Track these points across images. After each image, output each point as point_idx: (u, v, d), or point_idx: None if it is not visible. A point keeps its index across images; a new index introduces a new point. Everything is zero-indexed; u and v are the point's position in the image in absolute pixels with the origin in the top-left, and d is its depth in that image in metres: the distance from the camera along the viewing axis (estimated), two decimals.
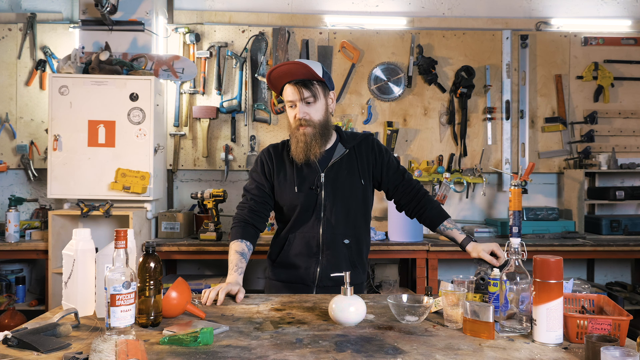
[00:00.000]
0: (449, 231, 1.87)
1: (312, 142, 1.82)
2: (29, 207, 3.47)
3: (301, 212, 1.87)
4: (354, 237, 1.90)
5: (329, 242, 1.86)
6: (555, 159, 3.65)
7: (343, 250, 1.88)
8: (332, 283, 1.86)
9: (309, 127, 1.82)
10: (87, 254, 1.49)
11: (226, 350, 1.19)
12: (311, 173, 1.88)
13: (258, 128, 3.54)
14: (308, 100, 1.82)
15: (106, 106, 2.95)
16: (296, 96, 1.81)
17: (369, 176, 1.92)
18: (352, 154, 1.92)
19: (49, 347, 1.18)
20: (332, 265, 1.86)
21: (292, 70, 1.80)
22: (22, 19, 3.42)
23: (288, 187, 1.89)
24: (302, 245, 1.88)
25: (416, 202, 1.92)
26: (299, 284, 1.89)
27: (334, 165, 1.89)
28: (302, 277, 1.88)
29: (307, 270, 1.87)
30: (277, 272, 1.94)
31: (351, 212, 1.89)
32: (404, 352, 1.19)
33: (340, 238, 1.88)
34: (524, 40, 3.61)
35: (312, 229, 1.87)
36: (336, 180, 1.88)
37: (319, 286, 1.87)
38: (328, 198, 1.86)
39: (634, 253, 3.13)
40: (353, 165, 1.91)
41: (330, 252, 1.87)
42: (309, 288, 1.88)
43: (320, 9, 3.61)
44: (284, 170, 1.92)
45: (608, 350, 1.02)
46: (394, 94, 3.57)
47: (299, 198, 1.87)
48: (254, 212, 1.89)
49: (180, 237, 3.18)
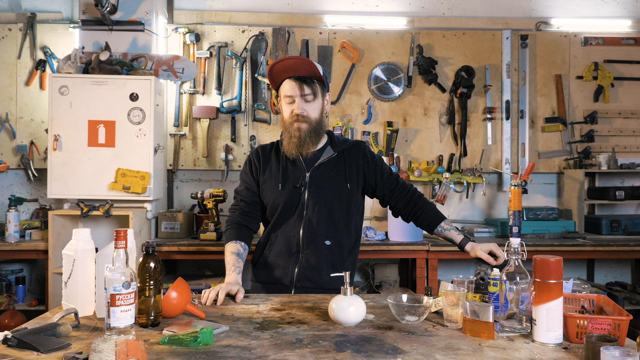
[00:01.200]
0: (446, 232, 1.87)
1: (306, 138, 1.83)
2: (29, 207, 3.47)
3: (283, 210, 1.87)
4: (336, 239, 1.87)
5: (309, 241, 1.84)
6: (555, 159, 3.65)
7: (324, 251, 1.85)
8: (311, 284, 1.83)
9: (305, 123, 1.83)
10: (87, 254, 1.49)
11: (226, 350, 1.19)
12: (296, 172, 1.89)
13: (258, 128, 3.54)
14: (308, 97, 1.82)
15: (106, 106, 2.95)
16: (296, 92, 1.82)
17: (356, 182, 1.91)
18: (341, 157, 1.92)
19: (49, 347, 1.18)
20: (311, 265, 1.84)
21: (297, 65, 1.80)
22: (22, 19, 3.42)
23: (272, 185, 1.89)
24: (283, 245, 1.86)
25: (412, 205, 1.92)
26: (277, 284, 1.87)
27: (321, 166, 1.89)
28: (280, 277, 1.86)
29: (286, 269, 1.85)
30: (257, 273, 1.93)
31: (334, 214, 1.87)
32: (404, 352, 1.19)
33: (321, 238, 1.85)
34: (524, 40, 3.61)
35: (293, 228, 1.86)
36: (321, 180, 1.87)
37: (297, 287, 1.84)
38: (311, 197, 1.86)
39: (634, 253, 3.13)
40: (340, 168, 1.90)
41: (309, 252, 1.84)
42: (287, 289, 1.85)
43: (320, 9, 3.61)
44: (270, 168, 1.93)
45: (608, 350, 1.02)
46: (394, 94, 3.57)
47: (281, 196, 1.87)
48: (245, 214, 1.91)
49: (180, 237, 3.18)
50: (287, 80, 1.84)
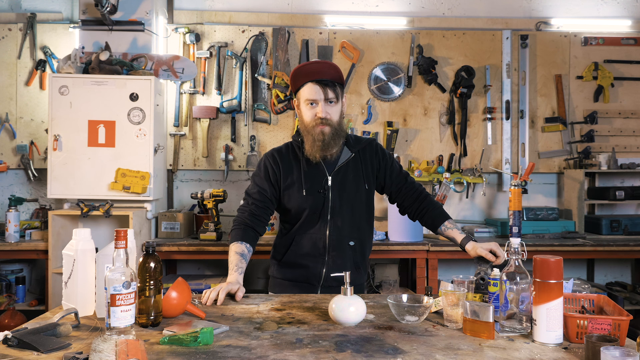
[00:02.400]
0: (449, 231, 1.88)
1: (330, 142, 1.84)
2: (29, 207, 3.47)
3: (309, 215, 1.90)
4: (359, 239, 1.94)
5: (335, 243, 1.89)
6: (555, 159, 3.65)
7: (348, 251, 1.91)
8: (336, 283, 1.88)
9: (328, 126, 1.84)
10: (87, 254, 1.49)
11: (226, 350, 1.19)
12: (318, 176, 1.90)
13: (258, 128, 3.54)
14: (331, 100, 1.85)
15: (106, 106, 2.95)
16: (320, 95, 1.83)
17: (372, 180, 1.95)
18: (358, 158, 1.94)
19: (49, 347, 1.18)
20: (337, 265, 1.89)
21: (322, 69, 1.84)
22: (22, 19, 3.42)
23: (296, 191, 1.89)
24: (309, 246, 1.90)
25: (419, 204, 1.95)
26: (305, 282, 1.92)
27: (341, 169, 1.91)
28: (308, 276, 1.91)
29: (314, 270, 1.90)
30: (283, 271, 1.96)
31: (356, 215, 1.93)
32: (404, 352, 1.19)
33: (346, 240, 1.91)
34: (524, 40, 3.61)
35: (319, 231, 1.89)
36: (343, 183, 1.90)
37: (324, 286, 1.91)
38: (335, 201, 1.89)
39: (634, 253, 3.13)
40: (358, 169, 1.93)
41: (336, 253, 1.90)
42: (313, 287, 1.92)
43: (320, 9, 3.61)
44: (291, 174, 1.92)
45: (608, 350, 1.02)
46: (394, 94, 3.57)
47: (307, 201, 1.88)
48: (254, 216, 1.89)
49: (180, 237, 3.18)
50: (309, 84, 1.84)
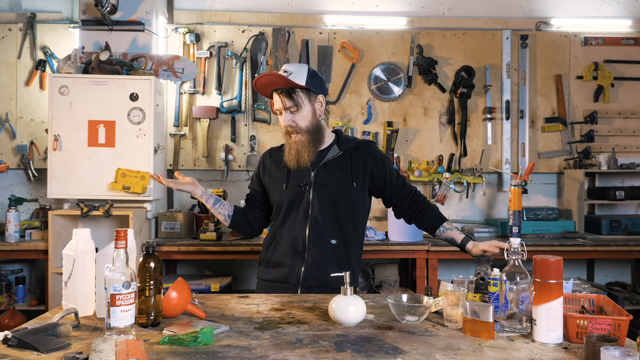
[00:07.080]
0: (448, 232, 1.88)
1: (302, 150, 1.86)
2: (29, 207, 3.47)
3: (288, 209, 1.89)
4: (342, 239, 1.88)
5: (315, 240, 1.85)
6: (555, 159, 3.65)
7: (330, 250, 1.85)
8: (317, 283, 1.83)
9: (298, 133, 1.86)
10: (87, 254, 1.49)
11: (226, 350, 1.19)
12: (302, 171, 1.90)
13: (258, 128, 3.54)
14: (291, 109, 1.85)
15: (106, 106, 2.95)
16: (280, 105, 1.86)
17: (362, 181, 1.90)
18: (347, 156, 1.91)
19: (49, 347, 1.18)
20: (317, 264, 1.84)
21: (273, 80, 1.84)
22: (22, 19, 3.42)
23: (277, 184, 1.93)
24: (289, 244, 1.87)
25: (416, 207, 1.94)
26: (283, 283, 1.86)
27: (326, 165, 1.90)
28: (286, 276, 1.86)
29: (292, 269, 1.85)
30: (265, 271, 1.93)
31: (339, 213, 1.87)
32: (404, 352, 1.19)
33: (327, 237, 1.86)
34: (524, 40, 3.61)
35: (299, 227, 1.86)
36: (326, 179, 1.88)
37: (304, 286, 1.84)
38: (316, 196, 1.86)
39: (634, 253, 3.13)
40: (346, 166, 1.90)
41: (316, 251, 1.84)
42: (293, 288, 1.85)
43: (320, 9, 3.61)
44: (276, 168, 1.96)
45: (608, 350, 1.02)
46: (394, 94, 3.57)
47: (286, 195, 1.89)
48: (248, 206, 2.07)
49: (180, 237, 3.18)
50: (274, 94, 1.88)
